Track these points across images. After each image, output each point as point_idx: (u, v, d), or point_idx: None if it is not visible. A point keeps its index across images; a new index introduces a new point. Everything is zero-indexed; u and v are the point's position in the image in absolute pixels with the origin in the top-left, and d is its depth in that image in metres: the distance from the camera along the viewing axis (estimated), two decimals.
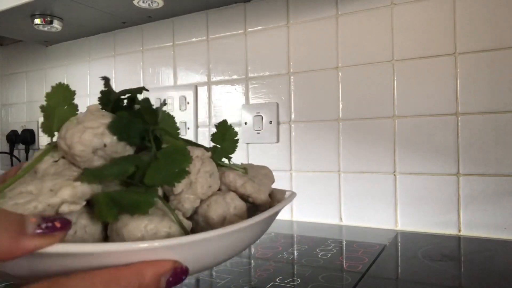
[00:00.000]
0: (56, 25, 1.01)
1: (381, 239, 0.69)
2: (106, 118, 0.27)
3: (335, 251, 0.63)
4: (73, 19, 1.03)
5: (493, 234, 0.70)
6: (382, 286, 0.49)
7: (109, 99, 0.31)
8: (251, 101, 0.93)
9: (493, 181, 0.70)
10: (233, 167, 0.33)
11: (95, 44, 1.18)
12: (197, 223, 0.29)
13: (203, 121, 1.00)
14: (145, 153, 0.28)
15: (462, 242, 0.69)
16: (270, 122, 0.90)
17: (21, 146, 1.34)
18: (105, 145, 0.26)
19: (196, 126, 1.01)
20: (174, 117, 0.36)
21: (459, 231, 0.72)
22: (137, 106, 0.30)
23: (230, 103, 0.96)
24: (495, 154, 0.70)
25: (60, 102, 0.29)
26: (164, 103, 0.32)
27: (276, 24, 0.90)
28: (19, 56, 1.37)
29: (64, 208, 0.23)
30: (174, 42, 1.04)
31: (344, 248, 0.65)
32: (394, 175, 0.78)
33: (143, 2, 0.90)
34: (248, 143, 0.93)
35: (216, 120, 0.98)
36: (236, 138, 0.35)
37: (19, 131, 1.33)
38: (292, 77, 0.88)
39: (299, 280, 0.49)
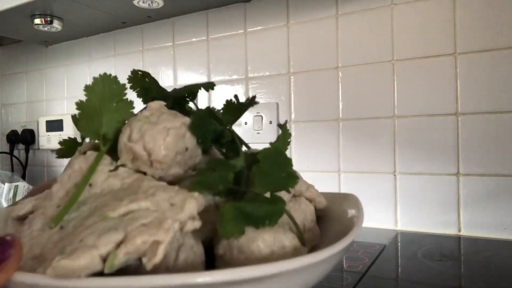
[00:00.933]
0: (56, 25, 1.01)
1: (381, 239, 0.68)
2: (184, 118, 0.23)
3: None
4: (73, 19, 1.03)
5: (493, 234, 0.70)
6: (382, 286, 0.49)
7: (147, 93, 0.26)
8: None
9: (493, 181, 0.70)
10: None
11: (95, 44, 1.18)
12: None
13: None
14: (216, 160, 0.24)
15: (462, 242, 0.69)
16: (270, 122, 0.90)
17: (21, 146, 1.34)
18: (186, 149, 0.22)
19: None
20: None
21: (459, 231, 0.72)
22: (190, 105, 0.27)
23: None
24: (495, 154, 0.70)
25: (106, 98, 0.24)
26: (254, 101, 0.27)
27: (276, 24, 0.90)
28: (19, 56, 1.37)
29: (190, 226, 0.18)
30: (174, 42, 1.04)
31: None
32: (394, 175, 0.78)
33: (143, 2, 0.90)
34: (248, 143, 0.93)
35: None
36: (289, 140, 0.33)
37: (19, 131, 1.33)
38: (292, 77, 0.88)
39: None
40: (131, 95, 0.26)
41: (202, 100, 1.00)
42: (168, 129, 0.22)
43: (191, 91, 0.26)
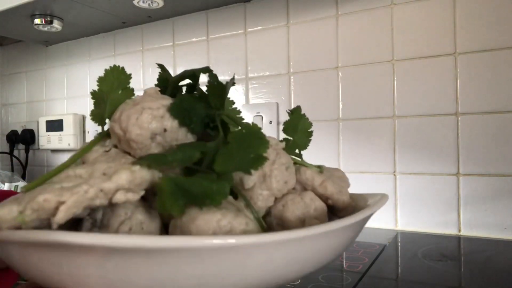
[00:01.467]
0: (56, 25, 1.01)
1: (381, 239, 0.68)
2: (167, 100, 0.23)
3: None
4: (73, 19, 1.03)
5: (493, 234, 0.70)
6: (382, 286, 0.49)
7: (166, 85, 0.27)
8: (251, 101, 0.93)
9: (493, 181, 0.70)
10: (306, 164, 0.28)
11: (95, 44, 1.18)
12: (270, 226, 0.25)
13: None
14: (210, 143, 0.23)
15: (462, 242, 0.69)
16: (270, 122, 0.90)
17: (21, 146, 1.34)
18: (165, 130, 0.22)
19: None
20: (234, 101, 0.31)
21: (459, 231, 0.72)
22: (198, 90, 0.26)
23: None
24: (495, 154, 0.70)
25: (114, 87, 0.25)
26: (233, 82, 0.27)
27: (276, 24, 0.90)
28: (19, 56, 1.37)
29: (120, 197, 0.18)
30: (174, 42, 1.04)
31: None
32: (394, 175, 0.78)
33: (143, 2, 0.90)
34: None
35: None
36: (310, 130, 0.30)
37: (19, 131, 1.33)
38: (292, 77, 0.88)
39: (299, 280, 0.49)
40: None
41: None
42: (144, 109, 0.22)
43: (191, 75, 0.27)
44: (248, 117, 0.92)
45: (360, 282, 0.49)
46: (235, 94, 0.95)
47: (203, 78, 0.28)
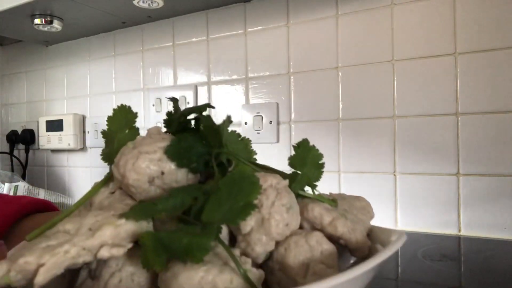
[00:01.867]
0: (56, 25, 1.01)
1: None
2: (165, 141, 0.23)
3: None
4: (73, 19, 1.03)
5: (493, 234, 0.70)
6: (382, 286, 0.49)
7: (173, 119, 0.26)
8: (251, 101, 0.93)
9: (493, 181, 0.70)
10: (318, 199, 0.26)
11: (95, 44, 1.18)
12: (271, 271, 0.23)
13: None
14: (211, 182, 0.23)
15: (462, 242, 0.69)
16: (270, 122, 0.90)
17: (21, 146, 1.34)
18: (162, 173, 0.22)
19: None
20: (247, 139, 0.29)
21: (459, 231, 0.72)
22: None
23: (230, 103, 0.96)
24: (495, 154, 0.70)
25: (122, 126, 0.26)
26: (229, 120, 0.26)
27: (276, 24, 0.90)
28: (19, 56, 1.37)
29: (104, 253, 0.18)
30: (174, 42, 1.04)
31: None
32: (394, 175, 0.78)
33: (143, 2, 0.90)
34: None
35: (216, 120, 0.98)
36: (321, 162, 0.29)
37: (19, 131, 1.33)
38: (292, 77, 0.88)
39: None
40: None
41: (202, 100, 1.00)
42: (141, 153, 0.22)
43: (195, 111, 0.26)
44: (248, 117, 0.92)
45: None
46: (235, 94, 0.95)
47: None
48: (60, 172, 1.28)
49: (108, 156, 0.25)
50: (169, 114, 0.27)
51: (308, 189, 0.28)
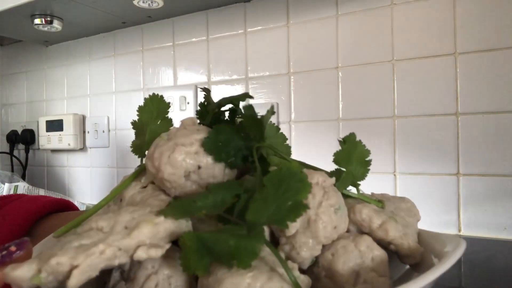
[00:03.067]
0: (56, 25, 1.01)
1: None
2: (201, 133, 0.21)
3: None
4: (73, 19, 1.03)
5: (493, 234, 0.70)
6: None
7: (207, 111, 0.25)
8: (251, 101, 0.93)
9: (493, 181, 0.70)
10: (364, 199, 0.25)
11: (95, 44, 1.18)
12: (317, 277, 0.21)
13: None
14: (250, 179, 0.21)
15: None
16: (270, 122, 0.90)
17: (21, 146, 1.34)
18: (199, 167, 0.20)
19: None
20: (279, 129, 0.28)
21: (459, 231, 0.72)
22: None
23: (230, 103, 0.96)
24: (495, 154, 0.70)
25: (153, 117, 0.24)
26: (272, 111, 0.25)
27: (276, 24, 0.90)
28: (19, 56, 1.37)
29: (141, 254, 0.17)
30: (174, 42, 1.04)
31: None
32: (394, 175, 0.78)
33: (143, 2, 0.90)
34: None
35: None
36: (367, 159, 0.25)
37: (19, 131, 1.33)
38: (292, 77, 0.88)
39: None
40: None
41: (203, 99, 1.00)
42: (177, 146, 0.20)
43: (230, 102, 0.24)
44: None
45: None
46: (235, 94, 0.95)
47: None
48: (60, 172, 1.28)
49: (139, 148, 0.24)
50: (202, 105, 0.26)
51: (350, 188, 0.26)
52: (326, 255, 0.21)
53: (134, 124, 0.25)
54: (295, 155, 0.92)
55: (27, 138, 1.30)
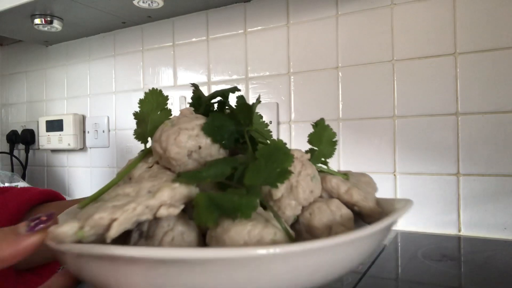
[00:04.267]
0: (56, 25, 1.01)
1: None
2: (200, 119, 0.27)
3: None
4: (73, 19, 1.03)
5: (493, 234, 0.70)
6: (382, 286, 0.49)
7: (199, 103, 0.30)
8: (251, 101, 0.93)
9: (493, 181, 0.70)
10: (332, 172, 0.30)
11: (95, 44, 1.18)
12: (298, 233, 0.26)
13: None
14: (242, 156, 0.27)
15: (462, 242, 0.69)
16: (270, 122, 0.90)
17: (21, 146, 1.34)
18: (200, 147, 0.25)
19: None
20: (262, 116, 0.33)
21: (459, 231, 0.72)
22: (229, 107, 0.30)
23: (229, 103, 0.96)
24: (495, 154, 0.70)
25: (153, 108, 0.29)
26: (259, 101, 0.31)
27: (276, 24, 0.90)
28: (19, 56, 1.37)
29: (163, 212, 0.21)
30: (174, 42, 1.04)
31: None
32: (394, 175, 0.78)
33: (143, 2, 0.90)
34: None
35: None
36: (334, 140, 0.32)
37: (19, 131, 1.33)
38: (292, 77, 0.88)
39: None
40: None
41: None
42: (181, 130, 0.25)
43: (220, 94, 0.30)
44: None
45: (360, 282, 0.49)
46: (235, 94, 0.95)
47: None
48: (60, 172, 1.28)
49: (142, 135, 0.28)
50: (195, 98, 0.31)
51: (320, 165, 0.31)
52: (305, 214, 0.26)
53: (135, 114, 0.29)
54: None
55: (27, 138, 1.30)
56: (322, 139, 0.32)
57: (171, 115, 0.29)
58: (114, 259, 0.19)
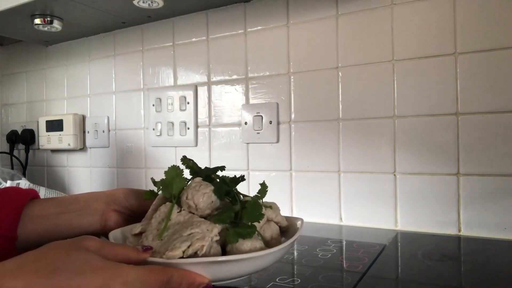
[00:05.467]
0: (56, 25, 1.01)
1: (381, 239, 0.69)
2: (210, 186, 0.44)
3: (335, 251, 0.63)
4: (73, 19, 1.03)
5: (493, 234, 0.70)
6: (382, 286, 0.49)
7: (196, 173, 0.47)
8: (251, 101, 0.93)
9: (493, 181, 0.70)
10: (266, 206, 0.47)
11: (95, 44, 1.18)
12: (264, 240, 0.45)
13: (203, 121, 1.00)
14: (226, 205, 0.44)
15: (462, 242, 0.69)
16: (270, 122, 0.90)
17: (21, 146, 1.34)
18: (212, 202, 0.43)
19: (196, 126, 1.01)
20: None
21: (459, 231, 0.72)
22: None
23: (230, 103, 0.96)
24: (495, 154, 0.70)
25: (174, 176, 0.45)
26: (242, 179, 0.47)
27: (276, 24, 0.90)
28: (19, 56, 1.37)
29: (215, 238, 0.39)
30: (174, 42, 1.04)
31: (344, 248, 0.65)
32: (394, 175, 0.78)
33: (143, 2, 0.90)
34: (248, 143, 0.93)
35: (216, 120, 0.98)
36: (266, 190, 0.47)
37: (19, 131, 1.33)
38: (292, 77, 0.89)
39: (299, 280, 0.49)
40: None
41: (202, 100, 1.00)
42: (204, 193, 0.43)
43: (214, 171, 0.48)
44: (248, 117, 0.93)
45: (360, 282, 0.49)
46: (235, 94, 0.95)
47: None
48: (60, 172, 1.28)
49: (170, 193, 0.44)
50: (193, 173, 0.48)
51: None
52: (261, 230, 0.44)
53: (162, 181, 0.45)
54: (295, 155, 0.93)
55: (27, 138, 1.30)
56: (264, 192, 0.47)
57: (187, 181, 0.45)
58: (202, 263, 0.36)
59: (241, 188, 0.45)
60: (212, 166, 0.48)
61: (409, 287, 0.49)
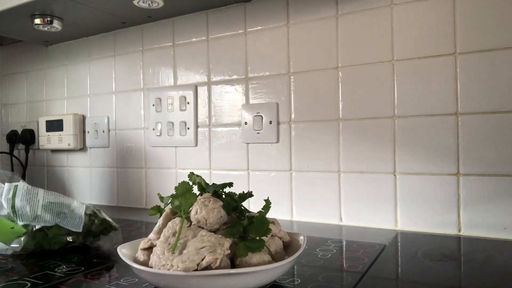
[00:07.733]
0: (56, 25, 1.01)
1: (381, 239, 0.69)
2: (218, 202, 0.47)
3: (335, 251, 0.63)
4: (73, 19, 1.03)
5: (493, 234, 0.70)
6: (382, 286, 0.49)
7: (204, 190, 0.50)
8: (251, 101, 0.93)
9: (493, 181, 0.70)
10: (271, 222, 0.49)
11: (95, 44, 1.18)
12: (270, 253, 0.48)
13: (203, 121, 1.00)
14: (233, 219, 0.48)
15: (462, 242, 0.69)
16: (270, 122, 0.90)
17: (21, 146, 1.34)
18: (221, 217, 0.46)
19: (196, 126, 1.01)
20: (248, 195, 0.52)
21: (459, 231, 0.72)
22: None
23: (230, 103, 0.96)
24: (495, 154, 0.70)
25: (184, 192, 0.47)
26: (250, 195, 0.49)
27: (276, 24, 0.90)
28: (19, 56, 1.37)
29: (227, 251, 0.42)
30: (174, 42, 1.04)
31: (344, 248, 0.65)
32: (394, 175, 0.78)
33: (143, 2, 0.90)
34: (248, 143, 0.93)
35: (216, 120, 0.98)
36: (269, 206, 0.50)
37: (19, 131, 1.33)
38: (292, 77, 0.89)
39: (299, 280, 0.49)
40: None
41: (202, 100, 1.00)
42: (214, 209, 0.46)
43: (222, 187, 0.50)
44: (248, 117, 0.93)
45: (360, 282, 0.49)
46: (235, 94, 0.95)
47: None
48: (60, 172, 1.28)
49: (180, 209, 0.47)
50: (201, 189, 0.50)
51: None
52: (269, 245, 0.47)
53: (172, 196, 0.47)
54: (295, 155, 0.93)
55: (27, 138, 1.30)
56: (268, 209, 0.49)
57: (196, 196, 0.47)
58: (216, 276, 0.40)
59: (241, 188, 0.45)
60: (212, 166, 0.50)
61: (409, 287, 0.49)
